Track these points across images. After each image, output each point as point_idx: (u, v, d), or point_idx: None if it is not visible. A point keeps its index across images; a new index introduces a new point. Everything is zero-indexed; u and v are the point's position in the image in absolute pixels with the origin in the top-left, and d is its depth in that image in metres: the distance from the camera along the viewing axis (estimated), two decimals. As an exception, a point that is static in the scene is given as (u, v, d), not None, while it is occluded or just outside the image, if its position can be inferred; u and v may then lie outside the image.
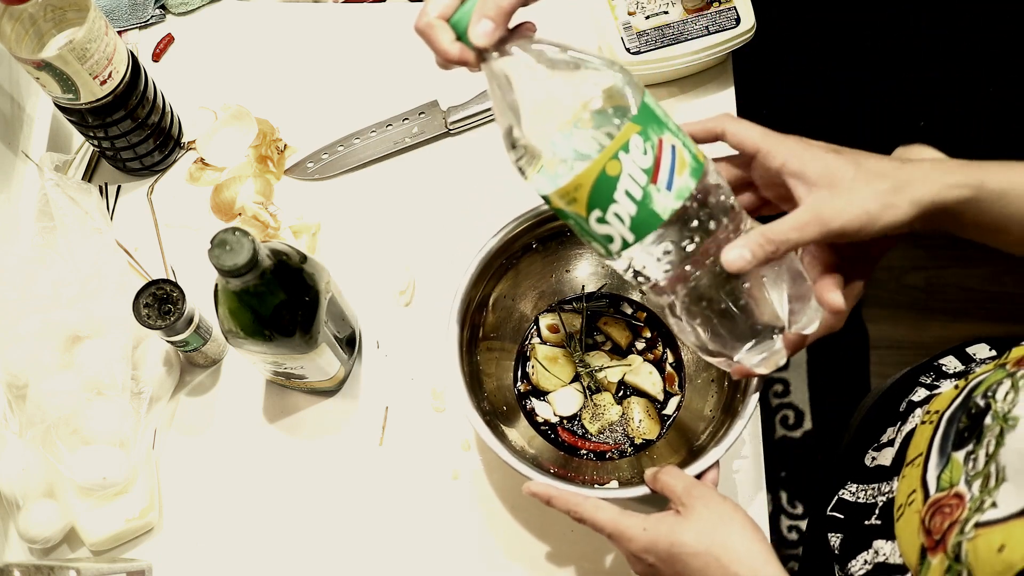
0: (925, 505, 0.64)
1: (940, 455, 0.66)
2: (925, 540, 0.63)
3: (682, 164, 0.59)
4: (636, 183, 0.58)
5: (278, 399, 0.90)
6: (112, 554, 0.84)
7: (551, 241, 0.84)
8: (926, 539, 0.63)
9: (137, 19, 1.05)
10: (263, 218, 0.96)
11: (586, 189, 0.59)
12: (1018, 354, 0.64)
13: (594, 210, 0.60)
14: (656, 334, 0.87)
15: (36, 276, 0.85)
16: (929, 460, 0.67)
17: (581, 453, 0.83)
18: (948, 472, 0.63)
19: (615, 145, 0.58)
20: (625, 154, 0.58)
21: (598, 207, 0.59)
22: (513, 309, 0.87)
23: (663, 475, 0.69)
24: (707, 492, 0.67)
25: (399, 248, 0.95)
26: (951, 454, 0.64)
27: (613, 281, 0.88)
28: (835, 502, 0.80)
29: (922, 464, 0.68)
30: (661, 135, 0.59)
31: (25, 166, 0.98)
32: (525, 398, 0.86)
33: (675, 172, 0.59)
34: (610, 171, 0.58)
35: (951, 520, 0.60)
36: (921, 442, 0.70)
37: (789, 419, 1.66)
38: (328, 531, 0.85)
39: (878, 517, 0.74)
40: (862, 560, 0.73)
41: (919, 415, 0.76)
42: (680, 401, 0.85)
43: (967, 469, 0.61)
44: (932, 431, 0.69)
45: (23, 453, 0.81)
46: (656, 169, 0.58)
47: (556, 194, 0.61)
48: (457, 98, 0.99)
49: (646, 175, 0.58)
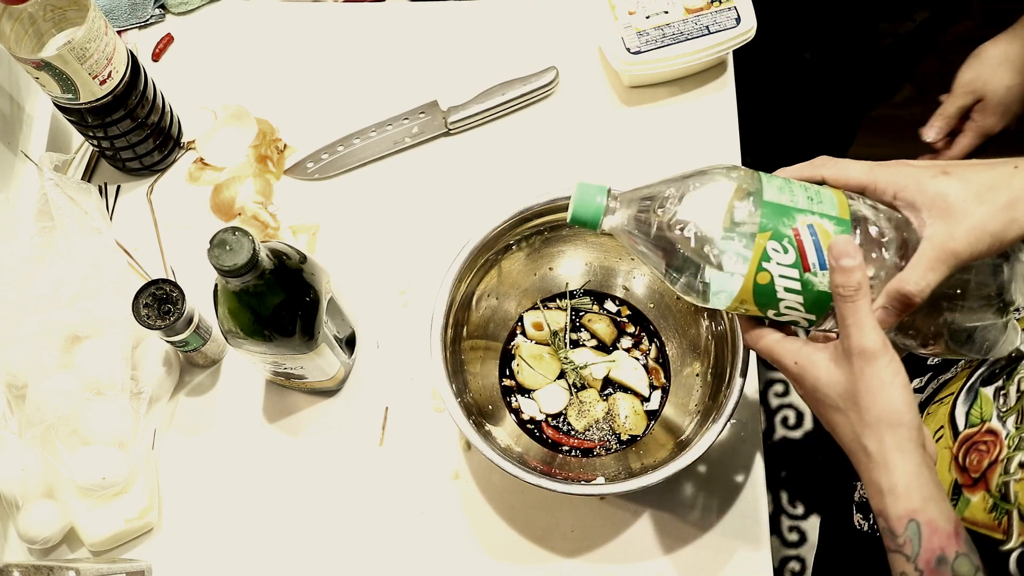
0: (956, 441, 0.64)
1: (968, 391, 0.66)
2: (960, 477, 0.63)
3: (826, 236, 0.58)
4: (791, 279, 0.59)
5: (278, 399, 0.90)
6: (112, 554, 0.84)
7: (534, 238, 0.84)
8: (961, 476, 0.63)
9: (137, 19, 1.05)
10: (263, 218, 0.96)
11: (750, 300, 0.60)
12: None
13: (768, 311, 0.61)
14: (640, 330, 0.88)
15: (36, 276, 0.85)
16: (958, 398, 0.67)
17: (566, 450, 0.83)
18: (977, 408, 0.63)
19: (755, 261, 0.58)
20: (768, 263, 0.58)
21: (769, 308, 0.61)
22: (497, 307, 0.87)
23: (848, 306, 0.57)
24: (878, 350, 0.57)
25: (399, 248, 0.95)
26: (979, 389, 0.64)
27: (597, 278, 0.88)
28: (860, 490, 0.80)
29: (951, 403, 0.67)
30: (794, 224, 0.58)
31: (24, 166, 0.98)
32: (510, 396, 0.86)
33: (822, 249, 0.58)
34: (761, 281, 0.59)
35: (990, 459, 0.60)
36: (955, 384, 0.70)
37: (789, 419, 1.66)
38: (328, 531, 0.85)
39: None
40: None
41: (962, 363, 0.74)
42: (665, 396, 0.85)
43: (997, 405, 0.61)
44: (968, 374, 0.68)
45: (23, 453, 0.81)
46: (803, 259, 0.58)
47: (730, 309, 0.62)
48: (457, 98, 0.99)
49: (797, 269, 0.59)
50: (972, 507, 0.62)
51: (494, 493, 0.85)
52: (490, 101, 0.98)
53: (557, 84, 1.00)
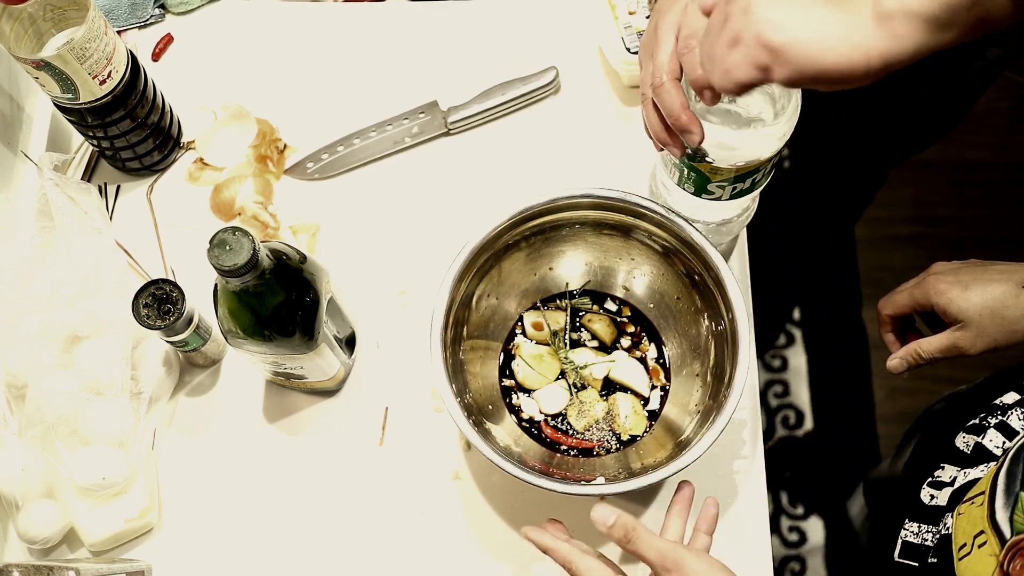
0: (1004, 549, 0.64)
1: (1007, 494, 0.65)
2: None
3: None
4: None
5: (278, 399, 0.90)
6: (112, 554, 0.84)
7: (534, 238, 0.84)
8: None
9: (136, 19, 1.05)
10: (263, 218, 0.96)
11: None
12: None
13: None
14: (640, 330, 0.88)
15: (36, 276, 0.85)
16: (996, 500, 0.66)
17: (566, 450, 0.83)
18: (1020, 513, 0.63)
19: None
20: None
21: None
22: (497, 307, 0.87)
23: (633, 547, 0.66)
24: (681, 559, 0.64)
25: (399, 248, 0.95)
26: (1019, 493, 0.64)
27: (597, 278, 0.88)
28: (900, 546, 0.80)
29: (986, 504, 0.67)
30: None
31: (24, 166, 0.98)
32: (510, 396, 0.86)
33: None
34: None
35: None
36: (983, 480, 0.70)
37: (790, 419, 1.66)
38: (328, 531, 0.85)
39: (934, 555, 0.74)
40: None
41: (992, 466, 0.75)
42: (665, 396, 0.85)
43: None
44: (996, 469, 0.68)
45: (23, 453, 0.81)
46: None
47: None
48: (457, 98, 0.99)
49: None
50: None
51: (494, 493, 0.85)
52: (490, 101, 0.98)
53: (557, 84, 1.00)
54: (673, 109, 0.66)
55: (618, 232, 0.84)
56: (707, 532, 0.71)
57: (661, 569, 0.65)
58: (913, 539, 0.80)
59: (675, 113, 0.66)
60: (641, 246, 0.84)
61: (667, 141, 0.69)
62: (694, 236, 0.79)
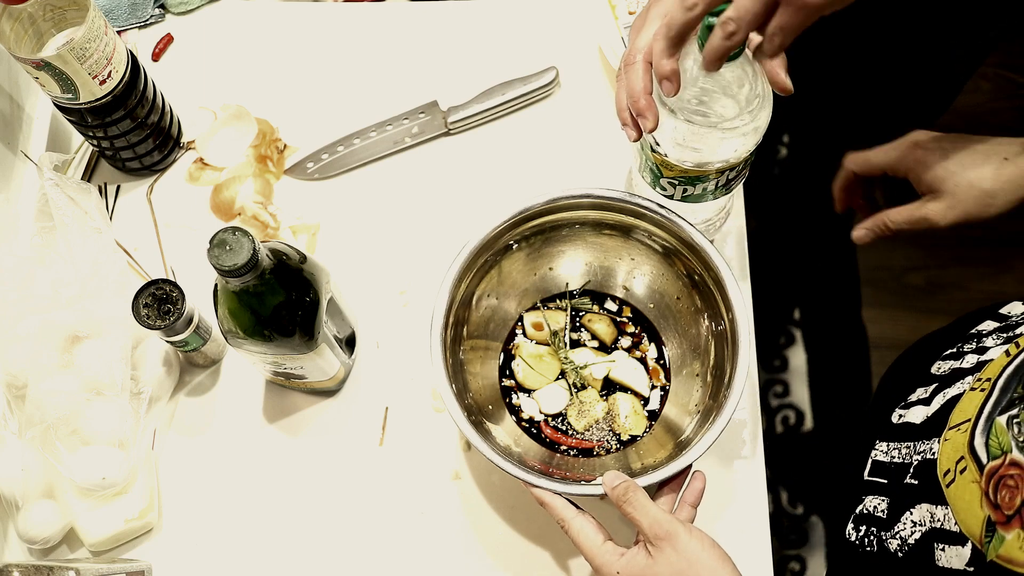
0: (982, 475, 0.64)
1: (987, 421, 0.65)
2: (993, 514, 0.62)
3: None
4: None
5: (278, 399, 0.90)
6: (112, 554, 0.84)
7: (534, 238, 0.84)
8: (994, 512, 0.62)
9: (136, 19, 1.05)
10: (263, 218, 0.96)
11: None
12: None
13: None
14: (640, 330, 0.88)
15: (35, 276, 0.85)
16: (977, 426, 0.66)
17: (566, 450, 0.83)
18: (995, 437, 0.63)
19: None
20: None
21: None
22: (497, 307, 0.87)
23: (629, 508, 0.68)
24: (674, 530, 0.66)
25: (399, 248, 0.95)
26: (995, 418, 0.64)
27: (597, 278, 0.88)
28: (870, 465, 0.80)
29: (969, 430, 0.67)
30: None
31: (24, 166, 0.98)
32: (510, 396, 0.86)
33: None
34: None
35: (1021, 496, 0.60)
36: (969, 408, 0.69)
37: (789, 419, 1.66)
38: (328, 531, 0.85)
39: (913, 476, 0.73)
40: (909, 523, 0.72)
41: (969, 381, 0.74)
42: (665, 396, 0.85)
43: (1013, 434, 0.61)
44: (984, 398, 0.68)
45: (23, 453, 0.81)
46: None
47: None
48: (457, 98, 0.99)
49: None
50: (1007, 545, 0.61)
51: (494, 493, 0.85)
52: (490, 101, 0.98)
53: (557, 84, 1.00)
54: (634, 90, 0.68)
55: (618, 232, 0.84)
56: (692, 504, 0.72)
57: (653, 537, 0.66)
58: (883, 458, 0.79)
59: (635, 95, 0.68)
60: (641, 246, 0.85)
61: (626, 120, 0.71)
62: (694, 236, 0.79)
